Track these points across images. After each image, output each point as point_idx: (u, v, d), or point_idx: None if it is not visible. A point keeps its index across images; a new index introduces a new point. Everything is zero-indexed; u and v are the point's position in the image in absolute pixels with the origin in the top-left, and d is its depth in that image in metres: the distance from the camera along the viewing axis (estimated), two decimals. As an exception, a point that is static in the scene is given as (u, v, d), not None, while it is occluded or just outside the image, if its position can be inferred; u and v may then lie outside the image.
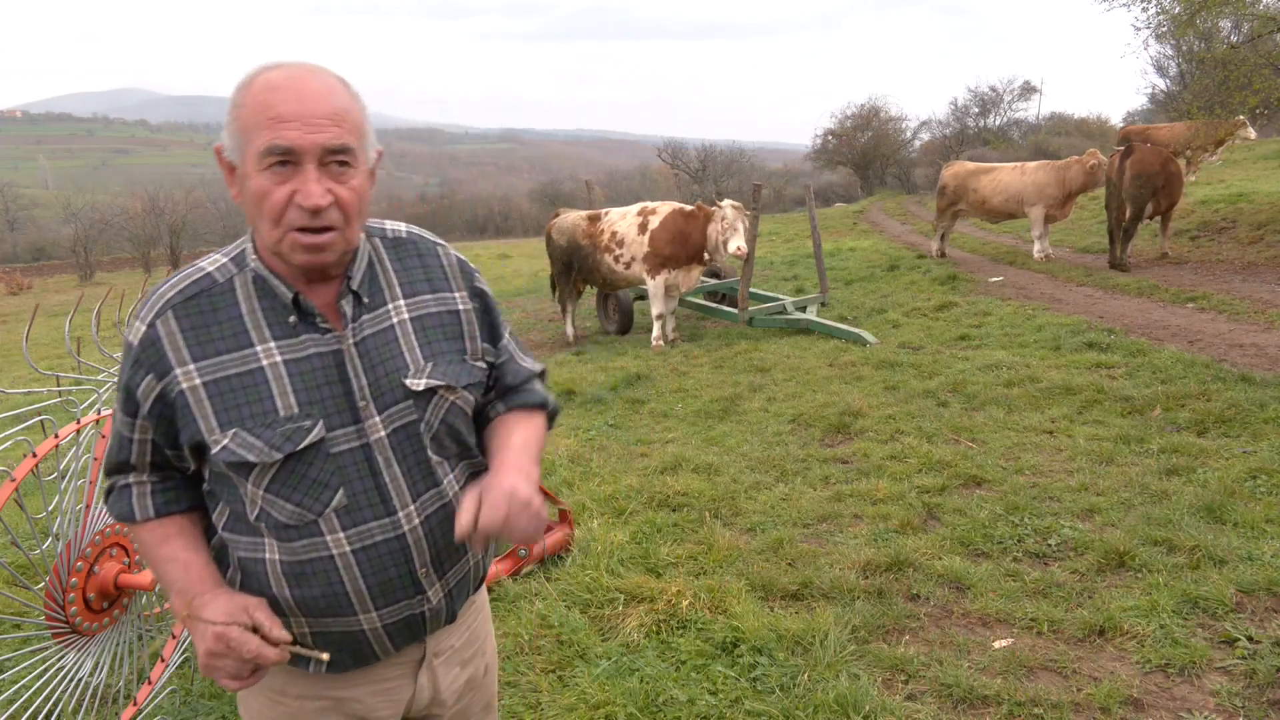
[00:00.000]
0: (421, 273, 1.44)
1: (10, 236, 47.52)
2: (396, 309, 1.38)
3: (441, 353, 1.40)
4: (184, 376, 1.28)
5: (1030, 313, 8.53)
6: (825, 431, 5.56)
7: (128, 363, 1.32)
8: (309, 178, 1.22)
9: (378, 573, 1.35)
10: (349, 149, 1.25)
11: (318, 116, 1.22)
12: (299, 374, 1.30)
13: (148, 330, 1.29)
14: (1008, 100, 40.28)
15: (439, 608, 1.44)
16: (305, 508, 1.31)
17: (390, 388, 1.34)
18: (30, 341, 2.79)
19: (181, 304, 1.30)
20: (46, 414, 2.57)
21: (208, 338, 1.28)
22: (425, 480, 1.38)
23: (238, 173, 1.27)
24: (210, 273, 1.33)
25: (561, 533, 3.89)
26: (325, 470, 1.31)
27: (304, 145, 1.21)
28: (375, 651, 1.41)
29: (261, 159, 1.21)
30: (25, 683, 2.36)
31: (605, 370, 7.87)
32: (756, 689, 2.79)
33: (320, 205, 1.22)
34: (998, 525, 3.88)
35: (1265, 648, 2.80)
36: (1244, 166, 18.35)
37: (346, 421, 1.32)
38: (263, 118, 1.21)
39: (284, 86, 1.23)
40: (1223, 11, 12.25)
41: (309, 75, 1.25)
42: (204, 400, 1.28)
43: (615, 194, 40.18)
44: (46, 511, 2.61)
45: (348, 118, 1.26)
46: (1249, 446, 4.53)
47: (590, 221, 9.60)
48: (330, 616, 1.36)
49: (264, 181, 1.22)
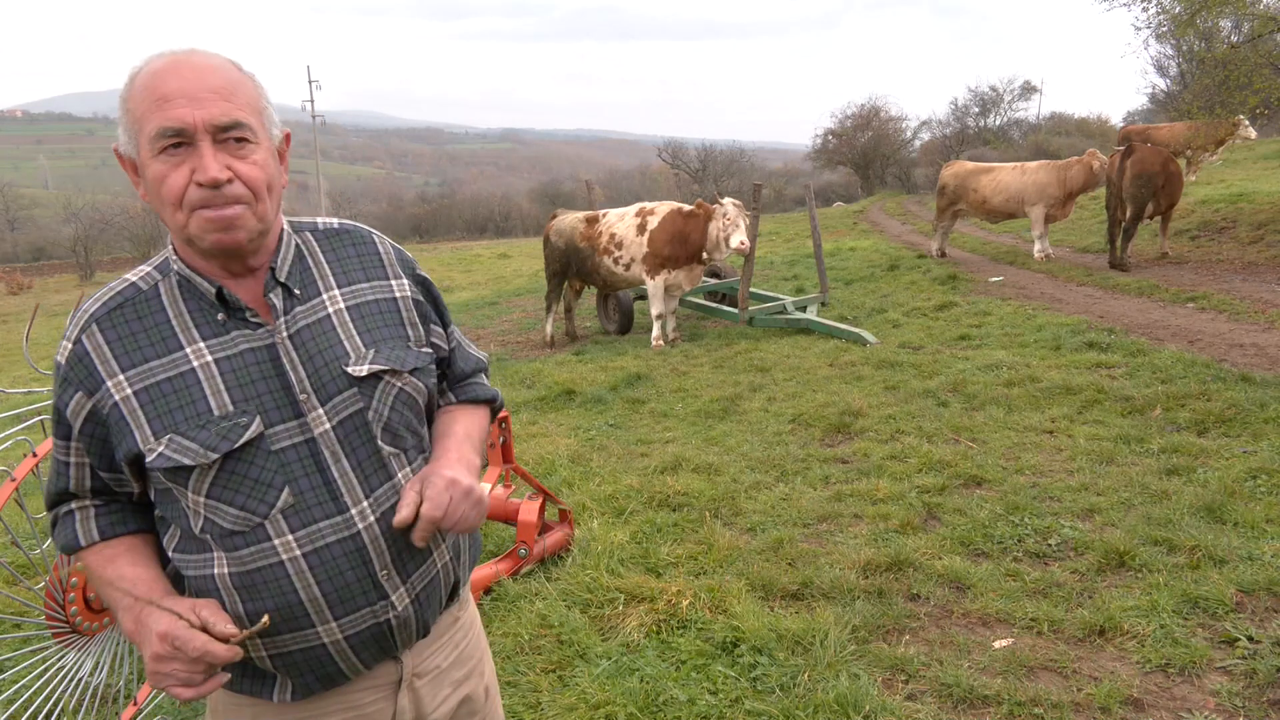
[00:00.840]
0: (357, 262, 1.40)
1: (10, 236, 47.53)
2: (331, 299, 1.34)
3: (384, 339, 1.36)
4: (115, 388, 1.23)
5: (1030, 312, 8.54)
6: (825, 431, 5.56)
7: (56, 383, 1.28)
8: (205, 154, 1.18)
9: (333, 577, 1.27)
10: (242, 124, 1.22)
11: (205, 91, 1.19)
12: (232, 371, 1.25)
13: (74, 347, 1.25)
14: (1008, 100, 40.34)
15: (406, 616, 1.35)
16: (250, 510, 1.25)
17: (332, 377, 1.29)
18: (30, 341, 2.79)
19: (106, 316, 1.26)
20: (46, 414, 2.57)
21: (135, 346, 1.24)
22: (378, 474, 1.32)
23: (138, 166, 1.24)
24: (134, 282, 1.29)
25: (561, 533, 3.89)
26: (267, 469, 1.25)
27: (194, 121, 1.18)
28: (342, 669, 1.32)
29: (155, 143, 1.19)
30: (25, 682, 2.36)
31: (605, 370, 7.87)
32: (756, 689, 2.79)
33: (218, 179, 1.18)
34: (998, 525, 3.88)
35: (1265, 648, 2.80)
36: (1244, 166, 18.35)
37: (287, 416, 1.27)
38: (150, 101, 1.19)
39: (168, 69, 1.20)
40: (1223, 11, 12.25)
41: (192, 56, 1.23)
42: (137, 410, 1.23)
43: (615, 194, 40.18)
44: (46, 511, 2.61)
45: (238, 93, 1.23)
46: (1249, 446, 4.53)
47: (588, 224, 9.58)
48: (287, 632, 1.27)
49: (161, 166, 1.19)
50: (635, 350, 8.88)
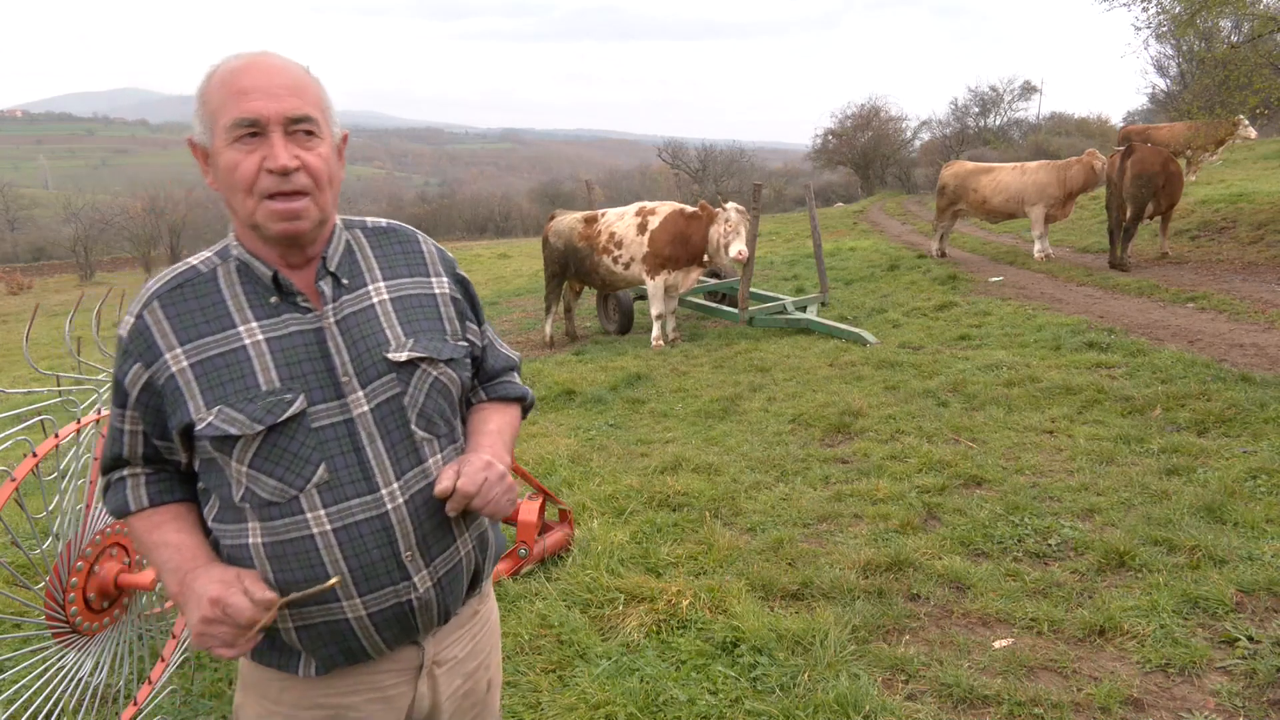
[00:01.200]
0: (402, 258, 1.48)
1: (10, 236, 47.52)
2: (376, 290, 1.42)
3: (422, 330, 1.43)
4: (172, 360, 1.32)
5: (1030, 312, 8.54)
6: (825, 431, 5.56)
7: (117, 355, 1.37)
8: (276, 144, 1.28)
9: (359, 554, 1.33)
10: (311, 118, 1.31)
11: (279, 87, 1.29)
12: (280, 351, 1.33)
13: (136, 321, 1.34)
14: (1008, 100, 40.33)
15: (427, 599, 1.40)
16: (287, 483, 1.32)
17: (372, 362, 1.37)
18: (30, 341, 2.79)
19: (167, 294, 1.35)
20: (46, 414, 2.57)
21: (192, 323, 1.33)
22: (410, 458, 1.38)
23: (210, 155, 1.33)
24: (195, 265, 1.38)
25: (561, 533, 3.89)
26: (307, 445, 1.32)
27: (268, 113, 1.27)
28: (365, 646, 1.38)
29: (230, 132, 1.28)
30: (25, 683, 2.36)
31: (605, 370, 7.87)
32: (756, 689, 2.79)
33: (288, 166, 1.27)
34: (998, 525, 3.88)
35: (1265, 648, 2.80)
36: (1244, 166, 18.35)
37: (329, 396, 1.34)
38: (228, 94, 1.28)
39: (246, 67, 1.30)
40: (1223, 11, 12.25)
41: (266, 56, 1.33)
42: (191, 381, 1.31)
43: (615, 194, 40.17)
44: (46, 511, 2.61)
45: (307, 91, 1.33)
46: (1249, 446, 4.53)
47: (586, 224, 9.56)
48: (313, 605, 1.34)
49: (234, 154, 1.28)
50: (635, 350, 8.87)
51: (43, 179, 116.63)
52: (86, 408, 2.77)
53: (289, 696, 1.41)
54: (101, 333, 2.98)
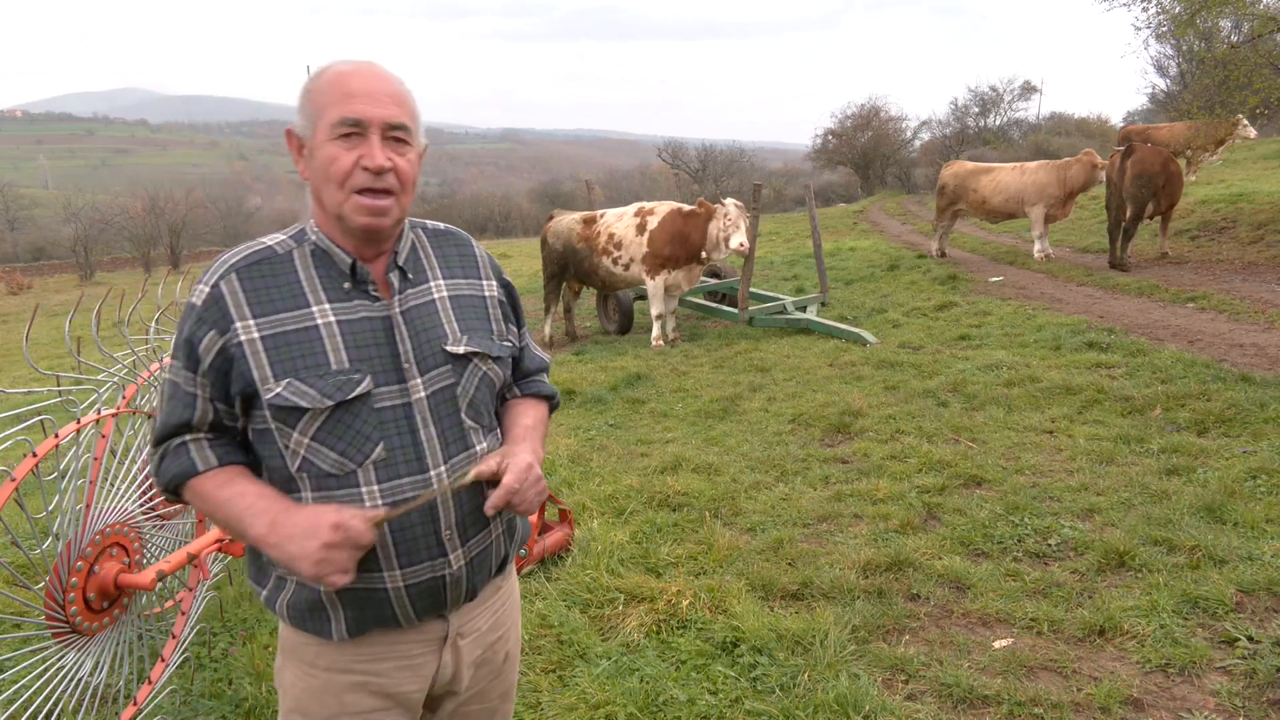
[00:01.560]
0: (458, 260, 1.60)
1: (10, 236, 47.50)
2: (437, 287, 1.53)
3: (474, 329, 1.54)
4: (243, 330, 1.38)
5: (1030, 312, 8.54)
6: (825, 431, 5.56)
7: (189, 321, 1.41)
8: (374, 145, 1.39)
9: (405, 529, 1.42)
10: (406, 126, 1.43)
11: (383, 95, 1.40)
12: (351, 334, 1.42)
13: (211, 290, 1.40)
14: (1008, 100, 40.32)
15: (459, 576, 1.50)
16: (348, 457, 1.40)
17: (432, 352, 1.47)
18: (30, 341, 2.79)
19: (245, 268, 1.42)
20: (46, 414, 2.57)
21: (267, 298, 1.41)
22: (458, 443, 1.49)
23: (307, 147, 1.43)
24: (270, 245, 1.46)
25: (561, 533, 3.89)
26: (369, 423, 1.41)
27: (371, 117, 1.38)
28: (397, 615, 1.47)
29: (334, 128, 1.38)
30: (25, 683, 2.36)
31: (605, 370, 7.87)
32: (756, 689, 2.79)
33: (383, 165, 1.38)
34: (998, 525, 3.88)
35: (1265, 648, 2.80)
36: (1244, 166, 18.35)
37: (391, 380, 1.43)
38: (336, 94, 1.39)
39: (355, 73, 1.42)
40: (1223, 11, 12.25)
41: (374, 66, 1.45)
42: (260, 352, 1.38)
43: (615, 194, 40.16)
44: (46, 511, 2.61)
45: (404, 102, 1.44)
46: (1249, 446, 4.53)
47: (585, 224, 9.56)
48: (358, 570, 1.40)
49: (334, 149, 1.38)
50: (635, 350, 8.87)
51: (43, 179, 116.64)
52: (86, 408, 2.77)
53: (324, 660, 1.49)
54: (101, 333, 2.98)
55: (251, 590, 3.70)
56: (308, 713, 1.50)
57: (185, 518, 3.15)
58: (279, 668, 1.57)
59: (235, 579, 3.78)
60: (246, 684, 2.94)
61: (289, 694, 1.53)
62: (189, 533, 3.12)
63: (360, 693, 1.49)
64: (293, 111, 1.47)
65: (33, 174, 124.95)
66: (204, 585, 3.13)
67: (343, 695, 1.49)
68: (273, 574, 1.50)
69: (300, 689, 1.51)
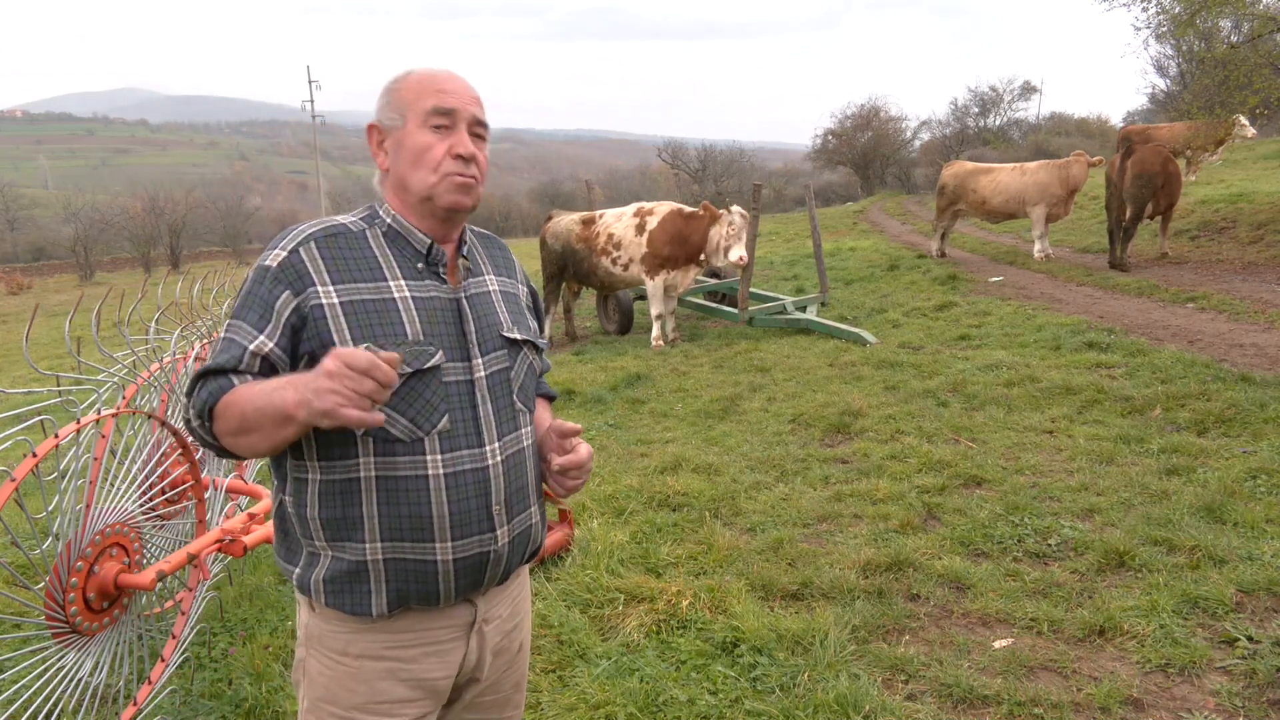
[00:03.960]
0: (501, 260, 1.73)
1: (10, 236, 47.49)
2: (490, 280, 1.65)
3: (519, 322, 1.65)
4: (324, 294, 1.45)
5: (1030, 313, 8.54)
6: (825, 431, 5.56)
7: (264, 282, 1.45)
8: (464, 135, 1.51)
9: (460, 500, 1.48)
10: (486, 124, 1.57)
11: (468, 94, 1.54)
12: (424, 310, 1.50)
13: (289, 255, 1.47)
14: (1008, 100, 40.34)
15: (502, 553, 1.55)
16: (417, 424, 1.46)
17: (492, 336, 1.57)
18: (30, 341, 2.79)
19: (323, 238, 1.50)
20: (46, 414, 2.57)
21: (345, 268, 1.48)
22: (509, 423, 1.57)
23: (393, 137, 1.52)
24: (344, 223, 1.55)
25: (561, 533, 3.89)
26: (437, 394, 1.48)
27: (463, 110, 1.52)
28: (439, 591, 1.50)
29: (428, 118, 1.49)
30: (25, 683, 2.36)
31: (605, 370, 7.87)
32: (756, 689, 2.79)
33: (473, 152, 1.51)
34: (998, 525, 3.88)
35: (1265, 648, 2.80)
36: (1244, 166, 18.35)
37: (459, 358, 1.51)
38: (429, 89, 1.51)
39: (441, 74, 1.54)
40: (1223, 11, 12.25)
41: (452, 70, 1.57)
42: (340, 316, 1.44)
43: (615, 194, 40.15)
44: (46, 511, 2.61)
45: (482, 105, 1.58)
46: (1249, 446, 4.53)
47: (584, 225, 9.55)
48: (409, 541, 1.47)
49: (428, 137, 1.49)
50: (635, 350, 8.87)
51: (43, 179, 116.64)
52: (86, 408, 2.77)
53: (355, 648, 1.51)
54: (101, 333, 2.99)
55: (252, 589, 3.70)
56: (336, 700, 1.52)
57: (185, 518, 3.15)
58: (300, 659, 1.58)
59: (235, 579, 3.78)
60: (246, 684, 2.94)
61: (315, 683, 1.54)
62: (189, 533, 3.12)
63: (390, 680, 1.51)
64: (292, 113, 1.48)
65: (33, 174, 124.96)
66: (204, 585, 3.13)
67: (374, 683, 1.51)
68: (304, 551, 1.51)
69: (329, 677, 1.52)
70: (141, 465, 2.82)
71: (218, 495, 3.34)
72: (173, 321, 3.89)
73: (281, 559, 1.57)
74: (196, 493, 3.10)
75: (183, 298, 4.54)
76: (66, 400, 2.77)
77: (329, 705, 1.53)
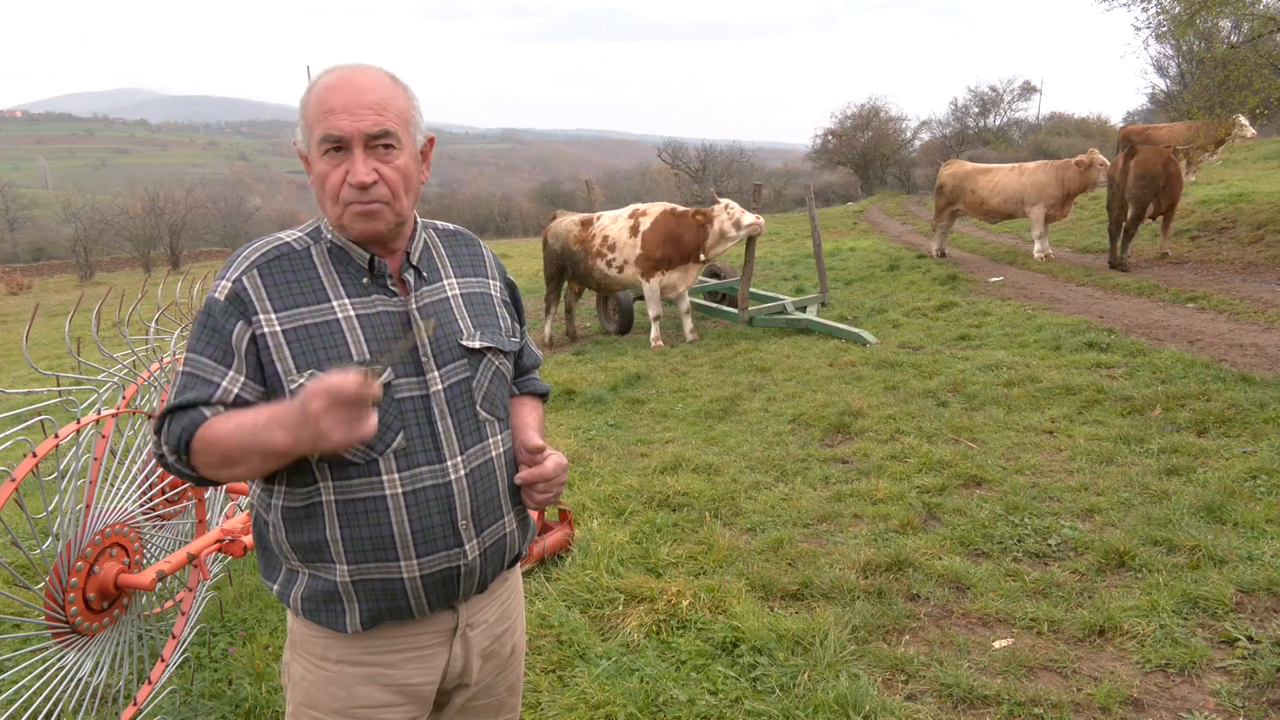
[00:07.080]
0: (468, 259, 1.65)
1: (10, 236, 47.50)
2: (450, 285, 1.58)
3: (485, 325, 1.59)
4: (266, 323, 1.42)
5: (1030, 313, 8.54)
6: (825, 431, 5.56)
7: (215, 314, 1.43)
8: (357, 160, 1.41)
9: (422, 518, 1.45)
10: (390, 133, 1.43)
11: (361, 107, 1.41)
12: (370, 327, 1.46)
13: (233, 285, 1.44)
14: (1007, 100, 40.33)
15: (474, 566, 1.52)
16: (370, 445, 1.42)
17: (448, 346, 1.51)
18: (30, 341, 2.79)
19: (265, 264, 1.46)
20: (46, 414, 2.57)
21: (288, 293, 1.44)
22: (473, 435, 1.52)
23: (309, 163, 1.46)
24: (288, 241, 1.50)
25: (561, 533, 3.89)
26: (389, 413, 1.43)
27: (350, 132, 1.40)
28: (411, 606, 1.48)
29: (320, 146, 1.42)
30: (25, 683, 2.36)
31: (605, 370, 7.87)
32: (756, 689, 2.79)
33: (365, 182, 1.41)
34: (998, 525, 3.88)
35: (1265, 648, 2.80)
36: (1244, 166, 18.35)
37: (411, 372, 1.46)
38: (319, 112, 1.42)
39: (334, 85, 1.43)
40: (1223, 11, 12.25)
41: (355, 73, 1.45)
42: (283, 345, 1.41)
43: (615, 194, 40.15)
44: (46, 511, 2.61)
45: (390, 106, 1.44)
46: (1249, 446, 4.53)
47: (582, 227, 9.57)
48: (373, 561, 1.44)
49: (324, 165, 1.43)
50: (635, 350, 8.88)
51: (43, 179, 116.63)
52: (86, 408, 2.77)
53: (334, 653, 1.51)
54: (101, 333, 2.99)
55: (252, 589, 3.70)
56: (317, 705, 1.52)
57: (185, 518, 3.15)
58: (286, 662, 1.58)
59: (235, 579, 3.78)
60: (246, 684, 2.94)
61: (299, 687, 1.54)
62: (189, 533, 3.12)
63: (371, 685, 1.51)
64: (292, 112, 1.49)
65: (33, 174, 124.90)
66: (204, 585, 3.13)
67: (354, 687, 1.51)
68: (283, 567, 1.51)
69: (310, 682, 1.52)
70: (141, 465, 2.82)
71: (218, 495, 3.34)
72: (173, 321, 3.89)
73: (263, 574, 1.57)
74: (196, 493, 3.10)
75: (183, 298, 4.54)
76: (66, 400, 2.77)
77: (311, 710, 1.52)
